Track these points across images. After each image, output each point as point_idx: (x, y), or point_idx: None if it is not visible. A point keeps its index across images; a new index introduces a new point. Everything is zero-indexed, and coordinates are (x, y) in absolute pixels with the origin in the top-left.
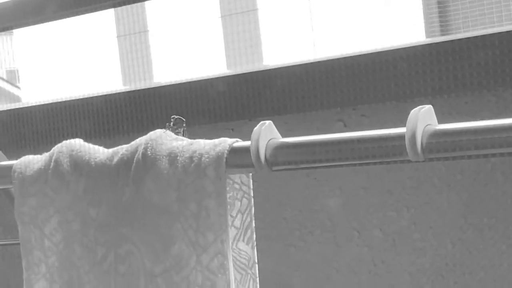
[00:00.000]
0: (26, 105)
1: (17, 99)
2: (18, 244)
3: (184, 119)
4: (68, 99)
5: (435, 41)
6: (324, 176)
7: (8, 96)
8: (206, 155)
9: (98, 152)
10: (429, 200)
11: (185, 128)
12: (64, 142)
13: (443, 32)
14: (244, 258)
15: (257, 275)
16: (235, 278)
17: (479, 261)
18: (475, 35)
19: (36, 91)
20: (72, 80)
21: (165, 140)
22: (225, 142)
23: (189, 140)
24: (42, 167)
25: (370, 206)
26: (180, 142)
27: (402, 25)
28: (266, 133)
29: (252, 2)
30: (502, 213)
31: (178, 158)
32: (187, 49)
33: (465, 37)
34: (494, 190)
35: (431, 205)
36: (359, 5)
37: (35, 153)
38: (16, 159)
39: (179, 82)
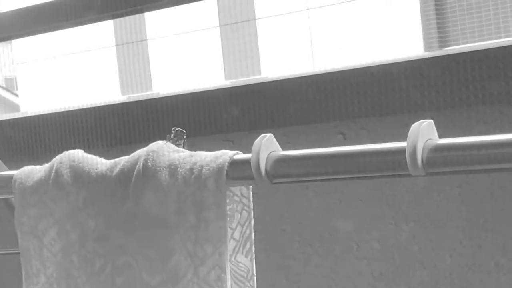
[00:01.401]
0: (26, 115)
1: (15, 106)
2: (17, 253)
3: (184, 131)
4: (68, 110)
5: (436, 55)
6: (323, 188)
7: (6, 104)
8: (206, 167)
9: (98, 163)
10: (428, 213)
11: (185, 140)
12: (64, 152)
13: (441, 43)
14: (243, 271)
15: None
16: None
17: (478, 275)
18: (475, 49)
19: (34, 99)
20: (70, 88)
21: (166, 151)
22: (226, 154)
23: (190, 152)
24: (43, 178)
25: (369, 219)
26: (180, 154)
27: (400, 38)
28: (267, 146)
29: (251, 12)
30: (501, 227)
31: (178, 169)
32: (186, 59)
33: (465, 51)
34: (493, 204)
35: (430, 218)
36: (359, 18)
37: (35, 164)
38: (16, 169)
39: (180, 93)
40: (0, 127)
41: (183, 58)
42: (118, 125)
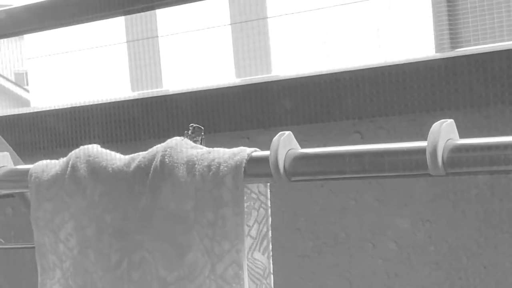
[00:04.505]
0: (40, 110)
1: (25, 102)
2: (32, 247)
3: (202, 128)
4: (82, 105)
5: (454, 55)
6: (339, 187)
7: (17, 99)
8: (224, 164)
9: (115, 158)
10: (444, 213)
11: (203, 137)
12: (81, 147)
13: (453, 44)
14: (260, 268)
15: (272, 286)
16: None
17: (494, 275)
18: (493, 50)
19: (45, 94)
20: (80, 84)
21: (183, 148)
22: (244, 152)
23: (208, 149)
24: (59, 172)
25: (385, 219)
26: (198, 150)
27: (411, 38)
28: (285, 143)
29: (263, 10)
30: None
31: (196, 166)
32: (196, 56)
33: (484, 51)
34: (509, 205)
35: (446, 219)
36: (371, 18)
37: (49, 158)
38: (31, 164)
39: (197, 89)
40: (15, 122)
41: (194, 55)
42: (135, 121)
